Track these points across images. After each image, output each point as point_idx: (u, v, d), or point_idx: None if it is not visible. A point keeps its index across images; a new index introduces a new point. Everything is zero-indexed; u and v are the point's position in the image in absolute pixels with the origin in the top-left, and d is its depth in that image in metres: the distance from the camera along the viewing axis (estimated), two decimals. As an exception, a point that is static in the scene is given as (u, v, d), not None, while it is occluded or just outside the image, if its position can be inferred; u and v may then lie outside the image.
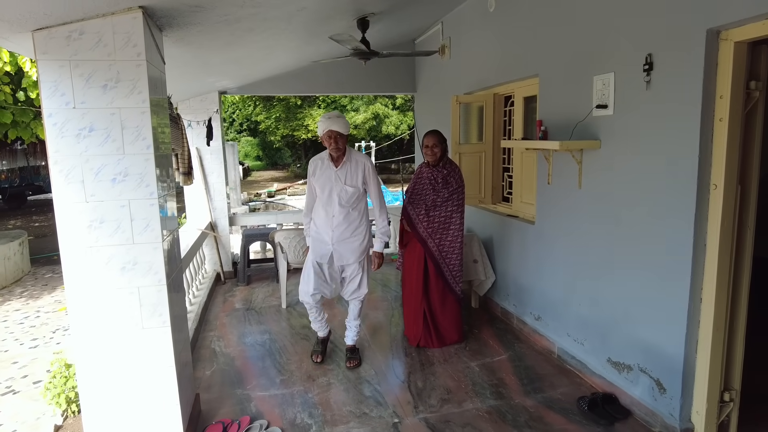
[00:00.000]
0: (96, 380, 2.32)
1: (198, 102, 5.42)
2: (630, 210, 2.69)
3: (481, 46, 4.33)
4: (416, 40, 5.85)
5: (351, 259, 3.26)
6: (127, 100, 2.16)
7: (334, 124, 3.05)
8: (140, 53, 2.14)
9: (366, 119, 20.28)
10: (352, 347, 3.47)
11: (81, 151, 2.15)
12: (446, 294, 3.61)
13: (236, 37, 3.15)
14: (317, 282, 3.29)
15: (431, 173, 3.54)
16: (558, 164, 3.31)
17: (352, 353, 3.44)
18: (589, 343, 3.11)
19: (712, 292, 2.29)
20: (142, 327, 2.33)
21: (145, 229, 2.26)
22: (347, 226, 3.20)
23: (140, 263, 2.28)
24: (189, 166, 3.71)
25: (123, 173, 2.20)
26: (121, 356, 2.33)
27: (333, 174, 3.16)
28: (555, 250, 3.42)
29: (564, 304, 3.35)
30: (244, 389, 3.11)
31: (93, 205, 2.20)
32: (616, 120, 2.74)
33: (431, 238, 3.55)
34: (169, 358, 2.38)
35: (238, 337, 3.95)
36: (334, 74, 5.86)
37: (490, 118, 4.33)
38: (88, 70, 2.10)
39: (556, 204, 3.37)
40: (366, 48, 3.68)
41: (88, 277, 2.24)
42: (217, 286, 5.41)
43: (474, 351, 3.57)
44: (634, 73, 2.56)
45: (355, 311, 3.45)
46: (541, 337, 3.61)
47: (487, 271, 4.22)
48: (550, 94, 3.39)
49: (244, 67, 4.61)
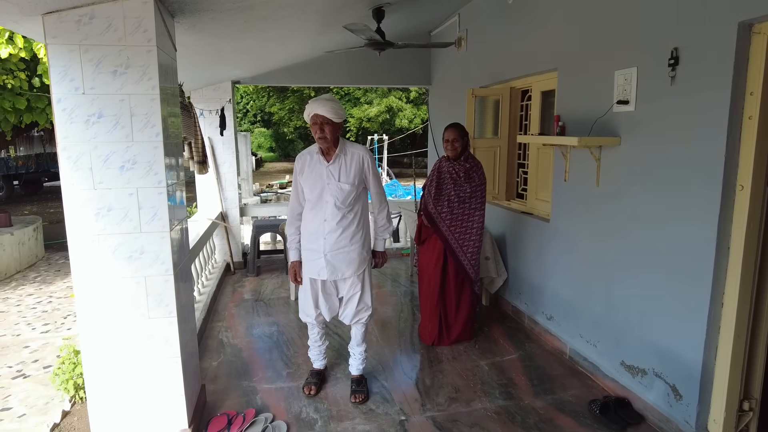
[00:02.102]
0: (102, 368, 2.31)
1: (211, 91, 5.39)
2: (650, 210, 2.60)
3: (498, 39, 4.23)
4: (432, 32, 5.75)
5: (348, 273, 2.73)
6: (137, 86, 2.12)
7: (321, 107, 2.51)
8: (151, 39, 2.10)
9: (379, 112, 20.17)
10: (358, 378, 2.97)
11: (89, 138, 2.12)
12: (464, 291, 3.54)
13: (249, 25, 3.10)
14: (318, 299, 2.82)
15: (452, 168, 3.43)
16: (575, 161, 3.22)
17: (359, 385, 2.92)
18: (602, 345, 3.04)
19: (734, 297, 2.20)
20: (148, 317, 2.31)
21: (152, 218, 2.23)
22: (342, 232, 2.68)
23: (147, 252, 2.25)
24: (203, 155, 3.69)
25: (131, 161, 2.17)
26: (127, 345, 2.31)
27: (324, 170, 2.64)
28: (570, 249, 3.34)
29: (577, 305, 3.27)
30: (250, 381, 3.09)
31: (101, 193, 2.17)
32: (638, 116, 2.65)
33: (453, 235, 3.45)
34: (174, 348, 2.36)
35: (246, 329, 3.94)
36: (347, 66, 5.79)
37: (506, 112, 4.24)
38: (98, 55, 2.07)
39: (573, 202, 3.28)
40: (381, 38, 3.61)
41: (95, 266, 2.22)
42: (226, 276, 5.41)
43: (484, 349, 3.52)
44: (659, 67, 2.46)
45: (358, 336, 2.95)
46: (552, 337, 3.54)
47: (499, 269, 4.15)
48: (568, 89, 3.29)
49: (257, 56, 4.56)
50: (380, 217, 2.89)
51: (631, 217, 2.74)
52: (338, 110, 2.57)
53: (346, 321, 2.90)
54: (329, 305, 2.84)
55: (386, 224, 2.90)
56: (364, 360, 3.01)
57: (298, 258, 2.83)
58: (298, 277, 2.83)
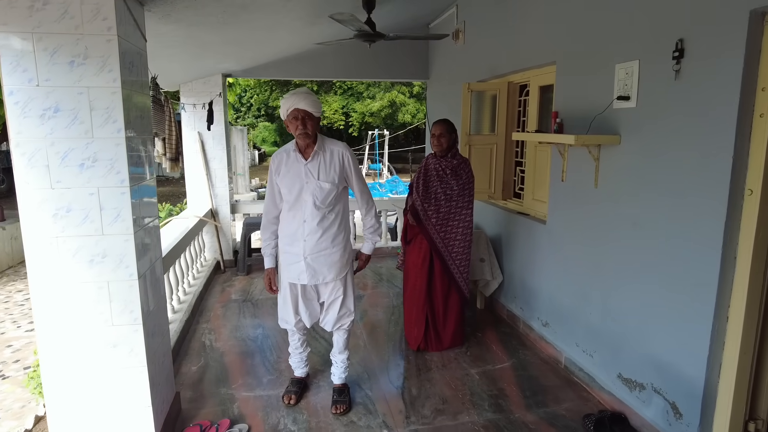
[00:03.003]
0: (62, 379, 2.18)
1: (201, 84, 5.24)
2: (651, 214, 2.43)
3: (496, 31, 4.05)
4: (430, 25, 5.56)
5: (329, 276, 2.58)
6: (97, 78, 1.97)
7: (302, 100, 2.37)
8: (111, 27, 1.95)
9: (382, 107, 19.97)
10: (340, 387, 2.81)
11: (45, 134, 1.97)
12: (451, 294, 3.39)
13: (230, 15, 2.94)
14: (298, 305, 2.66)
15: (438, 164, 3.29)
16: (573, 160, 3.05)
17: (340, 395, 2.75)
18: (599, 355, 2.88)
19: (740, 310, 2.03)
20: (112, 324, 2.17)
21: (115, 219, 2.09)
22: (323, 233, 2.52)
23: (110, 256, 2.11)
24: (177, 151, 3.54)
25: (92, 158, 2.03)
26: (89, 354, 2.17)
27: (302, 169, 2.48)
28: (566, 253, 3.17)
29: (574, 312, 3.11)
30: (229, 388, 2.95)
31: (59, 193, 2.03)
32: (640, 113, 2.47)
33: (439, 235, 3.30)
34: (140, 357, 2.22)
35: (231, 331, 3.80)
36: (344, 59, 5.62)
37: (503, 108, 4.06)
38: (54, 44, 1.92)
39: (570, 203, 3.11)
40: (371, 30, 3.44)
41: (54, 270, 2.08)
42: (216, 274, 5.28)
43: (475, 356, 3.36)
44: (662, 61, 2.28)
45: (340, 343, 2.79)
46: (548, 345, 3.38)
47: (494, 271, 3.99)
48: (567, 84, 3.12)
49: (246, 48, 4.40)
50: (368, 218, 2.71)
51: (630, 221, 2.57)
52: (317, 104, 2.44)
53: (327, 327, 2.75)
54: (310, 311, 2.69)
55: (375, 225, 2.73)
56: (346, 368, 2.87)
57: (273, 265, 2.68)
58: (273, 286, 2.68)
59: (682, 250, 2.23)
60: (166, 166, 3.41)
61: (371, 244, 2.76)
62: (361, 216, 2.76)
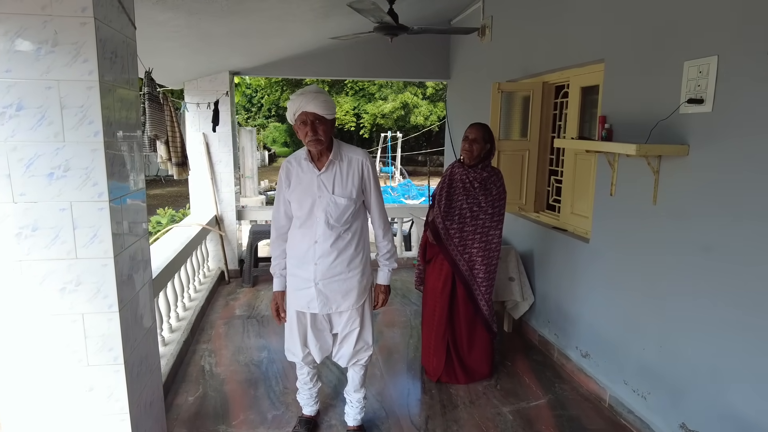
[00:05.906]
0: (27, 430, 1.83)
1: (207, 82, 4.90)
2: (726, 237, 2.03)
3: (529, 26, 3.66)
4: (452, 21, 5.18)
5: (344, 305, 2.21)
6: (68, 70, 1.63)
7: (310, 102, 1.98)
8: (85, 8, 1.60)
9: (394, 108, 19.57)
10: (355, 430, 2.49)
11: (6, 136, 1.63)
12: (476, 323, 3.00)
13: (234, 2, 2.59)
14: (307, 336, 2.29)
15: (465, 175, 2.89)
16: (626, 172, 2.65)
17: None
18: (654, 398, 2.48)
19: None
20: (87, 364, 1.82)
21: (91, 240, 1.74)
22: (338, 255, 2.15)
23: (85, 284, 1.76)
24: (183, 155, 3.19)
25: (63, 167, 1.68)
26: (59, 400, 1.83)
27: (315, 180, 2.12)
28: (614, 277, 2.78)
29: (622, 344, 2.71)
30: (228, 425, 2.60)
31: (23, 207, 1.69)
32: (716, 119, 2.08)
33: (462, 257, 2.91)
34: (121, 403, 1.87)
35: (233, 353, 3.45)
36: (358, 57, 5.26)
37: (537, 110, 3.67)
38: (15, 26, 1.58)
39: (620, 221, 2.72)
40: (394, 21, 3.07)
41: (17, 300, 1.74)
42: (220, 286, 4.93)
43: (506, 391, 2.98)
44: (750, 56, 1.89)
45: (356, 380, 2.42)
46: (588, 379, 2.98)
47: (524, 292, 3.59)
48: (618, 84, 2.73)
49: (253, 42, 4.06)
50: (385, 241, 2.31)
51: (700, 245, 2.18)
52: (330, 104, 2.04)
53: (341, 363, 2.38)
54: (320, 344, 2.31)
55: (392, 249, 2.34)
56: (363, 408, 2.50)
57: (283, 288, 2.32)
58: (281, 312, 2.32)
59: (765, 279, 1.84)
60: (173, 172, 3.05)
61: (388, 272, 2.35)
62: (376, 239, 2.34)
